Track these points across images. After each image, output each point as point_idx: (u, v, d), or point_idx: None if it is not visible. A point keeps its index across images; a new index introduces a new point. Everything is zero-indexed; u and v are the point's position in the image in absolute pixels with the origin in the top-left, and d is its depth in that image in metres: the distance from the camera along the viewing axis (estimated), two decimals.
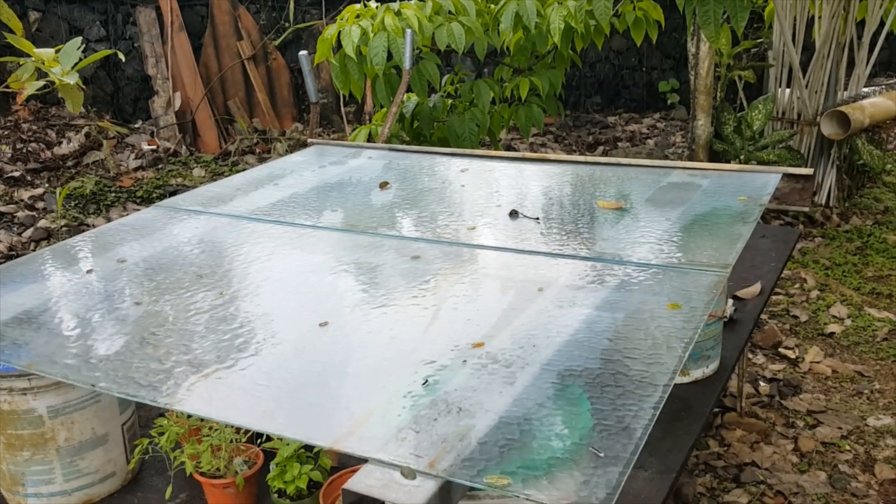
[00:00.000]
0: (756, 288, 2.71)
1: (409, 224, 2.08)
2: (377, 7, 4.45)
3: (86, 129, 6.12)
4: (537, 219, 2.01)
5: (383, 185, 2.40)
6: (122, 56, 2.38)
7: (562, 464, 1.07)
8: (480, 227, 2.02)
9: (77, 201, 5.37)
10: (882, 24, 5.71)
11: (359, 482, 1.06)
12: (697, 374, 2.20)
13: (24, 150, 5.86)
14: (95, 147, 6.01)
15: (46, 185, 5.60)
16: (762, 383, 3.81)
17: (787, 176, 2.26)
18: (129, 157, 6.02)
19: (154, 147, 6.13)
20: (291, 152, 4.10)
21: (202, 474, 1.70)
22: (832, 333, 4.28)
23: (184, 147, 6.28)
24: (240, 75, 6.63)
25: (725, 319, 2.24)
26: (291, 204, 2.30)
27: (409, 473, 1.08)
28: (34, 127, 6.10)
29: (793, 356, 4.05)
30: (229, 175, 6.02)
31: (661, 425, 1.99)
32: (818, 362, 4.01)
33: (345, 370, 1.38)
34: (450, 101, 5.02)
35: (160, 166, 5.93)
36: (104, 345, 1.51)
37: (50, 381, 1.71)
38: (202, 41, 6.55)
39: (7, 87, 2.54)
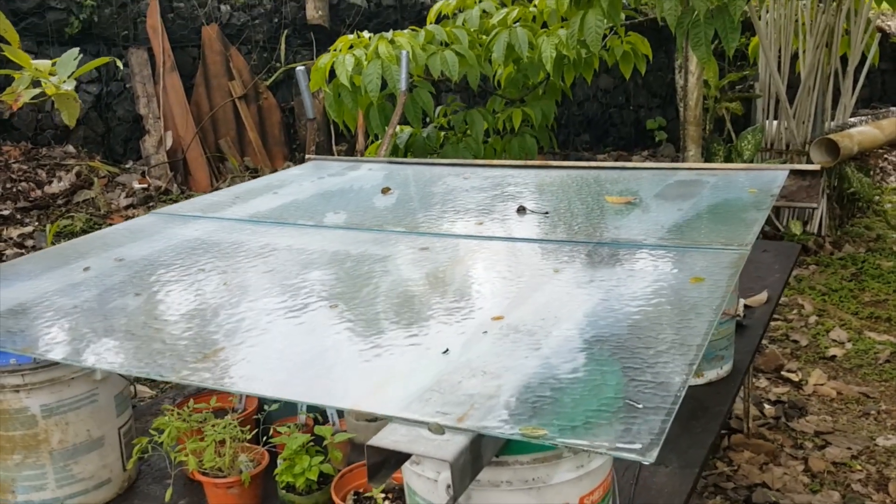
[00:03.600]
0: (763, 296, 2.67)
1: (415, 222, 2.03)
2: (370, 37, 4.48)
3: (76, 169, 6.07)
4: (546, 213, 1.98)
5: (385, 191, 2.36)
6: (119, 64, 2.36)
7: (599, 416, 1.01)
8: (488, 223, 1.98)
9: (67, 239, 5.30)
10: (864, 57, 5.81)
11: (384, 438, 1.00)
12: (711, 375, 2.14)
13: (14, 189, 5.80)
14: (86, 186, 5.96)
15: (36, 223, 5.53)
16: (767, 406, 3.74)
17: (793, 174, 2.24)
18: (119, 195, 5.97)
19: (145, 185, 6.09)
20: None
21: (204, 474, 1.61)
22: (833, 357, 4.23)
23: (175, 185, 6.24)
24: (231, 115, 6.64)
25: (739, 318, 2.20)
26: (292, 209, 2.25)
27: (437, 429, 1.01)
28: (24, 167, 6.05)
29: (796, 379, 4.00)
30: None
31: (679, 424, 1.93)
32: (822, 384, 3.95)
33: (359, 344, 1.31)
34: (443, 133, 5.02)
35: (151, 204, 5.88)
36: (105, 330, 1.45)
37: (44, 378, 1.62)
38: (193, 81, 6.57)
39: (1, 101, 2.50)
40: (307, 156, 2.93)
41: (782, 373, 4.06)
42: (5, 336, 1.45)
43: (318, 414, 1.77)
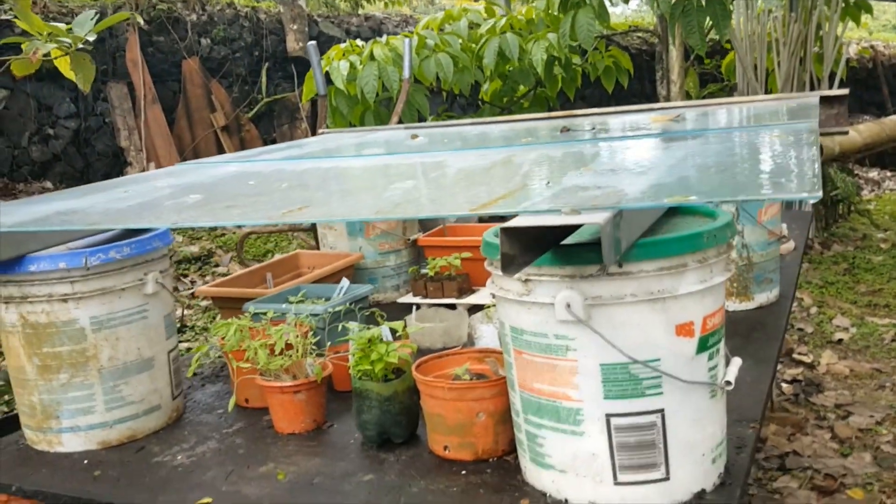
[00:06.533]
0: (791, 245, 2.67)
1: (459, 145, 1.99)
2: (363, 45, 4.51)
3: None
4: (593, 128, 1.96)
5: (414, 137, 2.32)
6: (139, 19, 2.32)
7: (745, 187, 0.96)
8: (535, 139, 1.95)
9: None
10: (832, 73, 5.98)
11: (521, 221, 0.94)
12: (762, 298, 2.11)
13: None
14: None
15: None
16: (784, 385, 3.72)
17: (821, 102, 2.26)
18: None
19: None
20: None
21: (266, 381, 1.52)
22: (840, 340, 4.24)
23: None
24: (213, 146, 6.59)
25: (785, 239, 2.18)
26: (324, 153, 2.20)
27: (573, 212, 0.96)
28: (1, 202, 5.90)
29: (808, 360, 3.99)
30: (207, 238, 5.79)
31: (740, 338, 1.88)
32: (834, 363, 3.95)
33: (456, 189, 1.26)
34: None
35: None
36: (170, 209, 1.37)
37: (95, 288, 1.52)
38: (175, 115, 6.53)
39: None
40: (319, 130, 2.89)
41: (794, 356, 4.05)
42: (62, 223, 1.36)
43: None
